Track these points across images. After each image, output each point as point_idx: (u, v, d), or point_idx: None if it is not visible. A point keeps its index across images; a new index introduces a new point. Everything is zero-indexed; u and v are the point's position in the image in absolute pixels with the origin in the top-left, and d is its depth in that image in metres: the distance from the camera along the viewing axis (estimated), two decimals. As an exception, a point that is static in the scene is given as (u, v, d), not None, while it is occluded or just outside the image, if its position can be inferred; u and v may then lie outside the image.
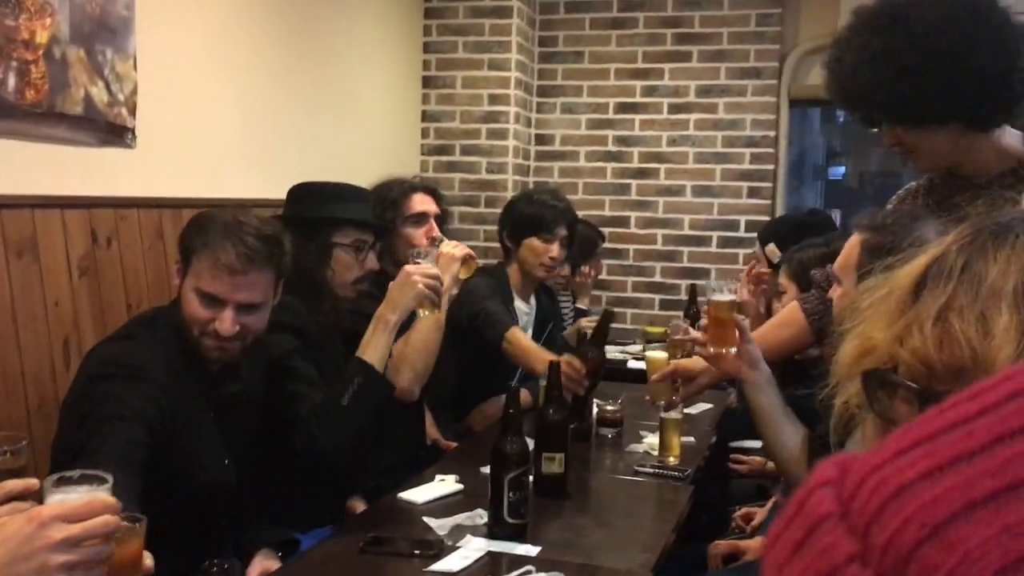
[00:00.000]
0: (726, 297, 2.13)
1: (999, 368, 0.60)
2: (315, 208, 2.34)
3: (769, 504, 2.64)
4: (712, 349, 2.07)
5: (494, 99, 4.49)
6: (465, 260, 2.55)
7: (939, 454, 0.35)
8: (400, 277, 2.14)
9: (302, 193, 2.41)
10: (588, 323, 3.29)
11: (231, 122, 3.04)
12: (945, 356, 0.63)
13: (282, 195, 2.70)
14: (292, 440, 1.93)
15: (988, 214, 0.71)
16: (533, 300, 3.23)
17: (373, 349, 2.07)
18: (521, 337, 2.83)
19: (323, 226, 2.31)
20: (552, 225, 3.12)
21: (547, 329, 3.23)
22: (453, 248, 2.55)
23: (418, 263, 2.21)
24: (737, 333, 2.02)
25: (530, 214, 3.13)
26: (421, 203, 2.82)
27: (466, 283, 2.85)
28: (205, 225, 1.81)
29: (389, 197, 2.76)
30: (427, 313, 2.26)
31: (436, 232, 2.80)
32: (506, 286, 3.12)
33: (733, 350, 2.02)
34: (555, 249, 3.13)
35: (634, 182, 4.70)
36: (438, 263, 2.51)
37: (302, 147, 3.43)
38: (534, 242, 3.11)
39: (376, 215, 2.69)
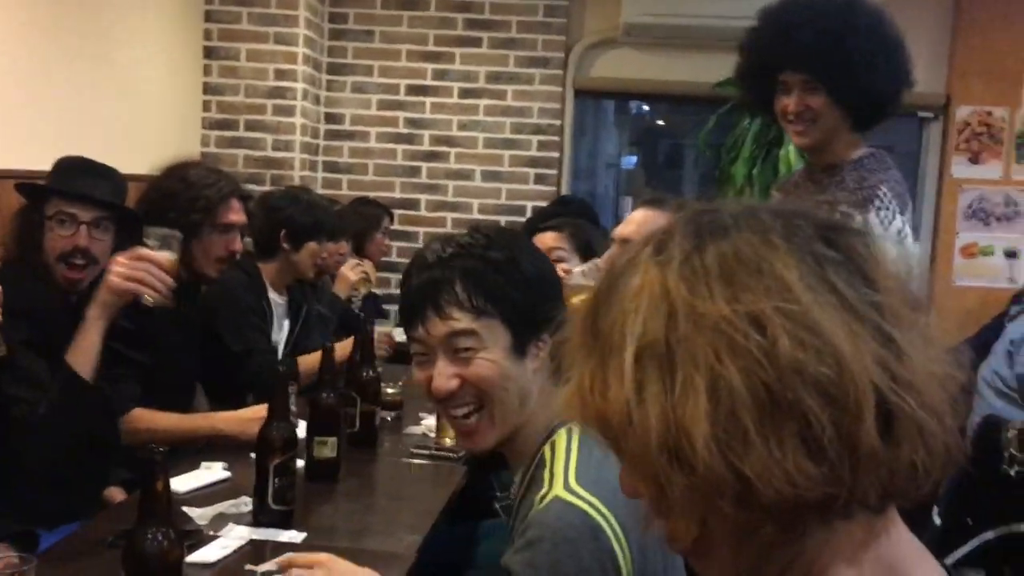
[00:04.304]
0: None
1: (614, 426, 0.65)
2: (48, 180, 2.22)
3: None
4: None
5: (280, 74, 4.36)
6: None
7: None
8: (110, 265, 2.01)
9: (53, 166, 2.27)
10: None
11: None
12: (592, 418, 0.68)
13: (36, 167, 2.51)
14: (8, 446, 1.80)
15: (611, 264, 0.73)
16: (284, 291, 3.16)
17: (81, 350, 1.95)
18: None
19: (37, 196, 2.20)
20: (338, 231, 3.31)
21: (301, 315, 3.17)
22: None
23: (147, 244, 2.06)
24: None
25: (312, 221, 3.08)
26: (234, 212, 2.59)
27: (221, 284, 2.79)
28: None
29: (202, 196, 2.51)
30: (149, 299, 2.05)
31: (238, 246, 2.61)
32: (259, 280, 3.04)
33: None
34: (344, 246, 3.43)
35: (424, 165, 4.70)
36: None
37: (65, 117, 3.19)
38: (312, 246, 3.08)
39: (180, 208, 2.50)
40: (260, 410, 2.18)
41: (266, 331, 3.01)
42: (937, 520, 2.96)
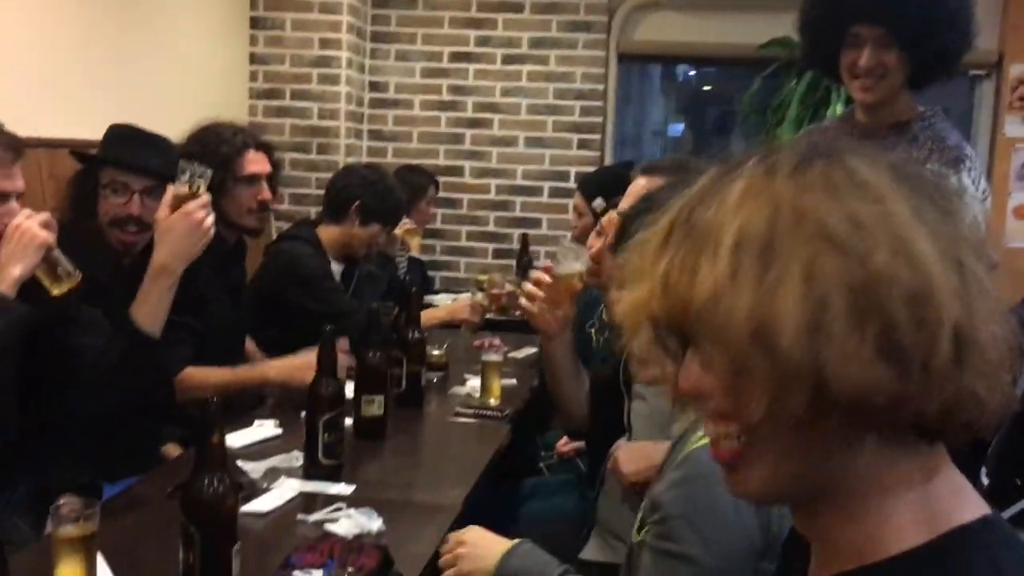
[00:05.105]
0: (572, 269, 2.22)
1: (697, 308, 0.67)
2: (101, 148, 2.28)
3: None
4: (537, 308, 2.16)
5: (325, 43, 4.40)
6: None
7: None
8: (184, 221, 2.02)
9: (104, 134, 2.33)
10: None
11: (30, 57, 2.85)
12: (672, 305, 0.70)
13: (90, 136, 2.58)
14: (70, 395, 1.87)
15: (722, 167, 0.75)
16: (341, 259, 3.22)
17: (144, 303, 2.00)
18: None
19: (92, 166, 2.26)
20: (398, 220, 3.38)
21: (354, 279, 3.23)
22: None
23: (187, 192, 2.05)
24: (569, 302, 2.16)
25: (387, 206, 3.17)
26: (254, 163, 2.66)
27: (289, 254, 2.89)
28: None
29: (219, 153, 2.58)
30: None
31: (267, 195, 2.69)
32: (320, 248, 3.10)
33: (559, 312, 2.14)
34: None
35: (468, 131, 4.73)
36: None
37: (114, 87, 3.26)
38: (375, 228, 3.15)
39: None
40: (310, 358, 2.26)
41: (343, 291, 3.09)
42: (985, 480, 2.94)
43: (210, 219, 2.03)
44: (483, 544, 1.56)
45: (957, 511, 0.69)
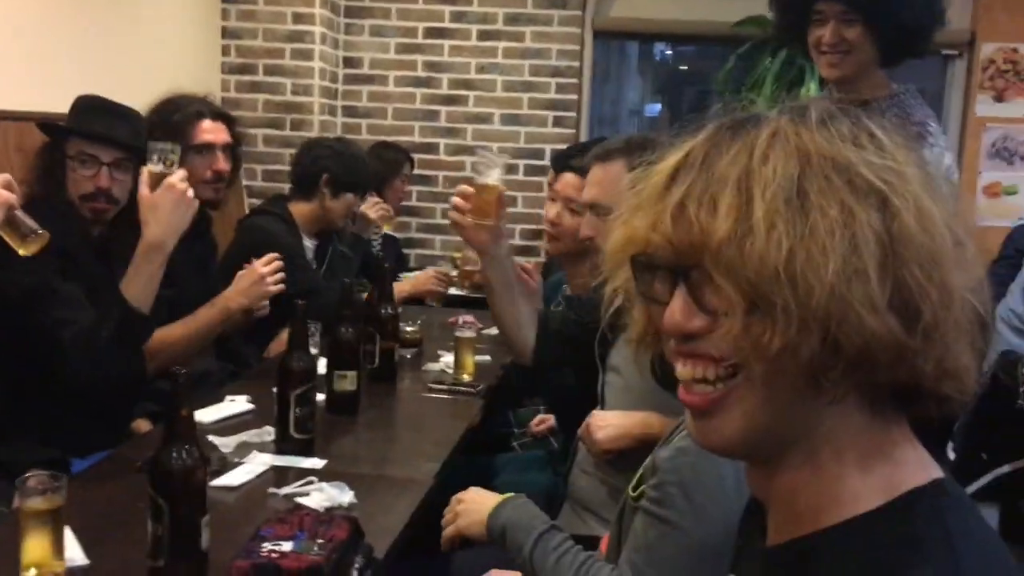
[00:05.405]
0: (494, 177, 2.17)
1: (719, 241, 0.67)
2: (68, 120, 2.24)
3: None
4: (470, 219, 2.12)
5: (298, 18, 4.35)
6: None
7: None
8: (169, 195, 2.01)
9: (72, 105, 2.30)
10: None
11: (-1, 28, 2.81)
12: (683, 236, 0.69)
13: (59, 109, 2.54)
14: (55, 368, 1.85)
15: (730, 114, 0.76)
16: (314, 236, 3.21)
17: (135, 281, 1.98)
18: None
19: (59, 136, 2.22)
20: (369, 189, 3.38)
21: (327, 257, 3.23)
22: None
23: (161, 170, 2.04)
24: (495, 210, 2.11)
25: (355, 174, 3.15)
26: (208, 131, 2.63)
27: (262, 230, 2.86)
28: None
29: (171, 122, 2.55)
30: None
31: (222, 165, 2.65)
32: (294, 225, 3.08)
33: (489, 222, 2.10)
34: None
35: (443, 108, 4.70)
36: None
37: (84, 61, 3.22)
38: (349, 198, 3.16)
39: (156, 140, 2.55)
40: (250, 273, 2.33)
41: (314, 269, 3.09)
42: (952, 455, 2.99)
43: (191, 191, 2.02)
44: (479, 500, 1.65)
45: (911, 476, 0.71)
